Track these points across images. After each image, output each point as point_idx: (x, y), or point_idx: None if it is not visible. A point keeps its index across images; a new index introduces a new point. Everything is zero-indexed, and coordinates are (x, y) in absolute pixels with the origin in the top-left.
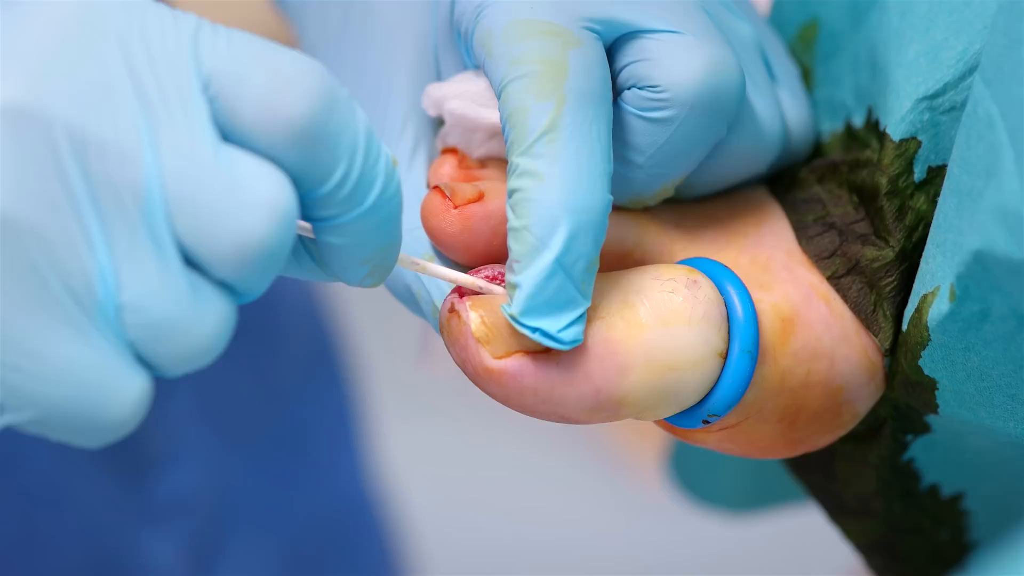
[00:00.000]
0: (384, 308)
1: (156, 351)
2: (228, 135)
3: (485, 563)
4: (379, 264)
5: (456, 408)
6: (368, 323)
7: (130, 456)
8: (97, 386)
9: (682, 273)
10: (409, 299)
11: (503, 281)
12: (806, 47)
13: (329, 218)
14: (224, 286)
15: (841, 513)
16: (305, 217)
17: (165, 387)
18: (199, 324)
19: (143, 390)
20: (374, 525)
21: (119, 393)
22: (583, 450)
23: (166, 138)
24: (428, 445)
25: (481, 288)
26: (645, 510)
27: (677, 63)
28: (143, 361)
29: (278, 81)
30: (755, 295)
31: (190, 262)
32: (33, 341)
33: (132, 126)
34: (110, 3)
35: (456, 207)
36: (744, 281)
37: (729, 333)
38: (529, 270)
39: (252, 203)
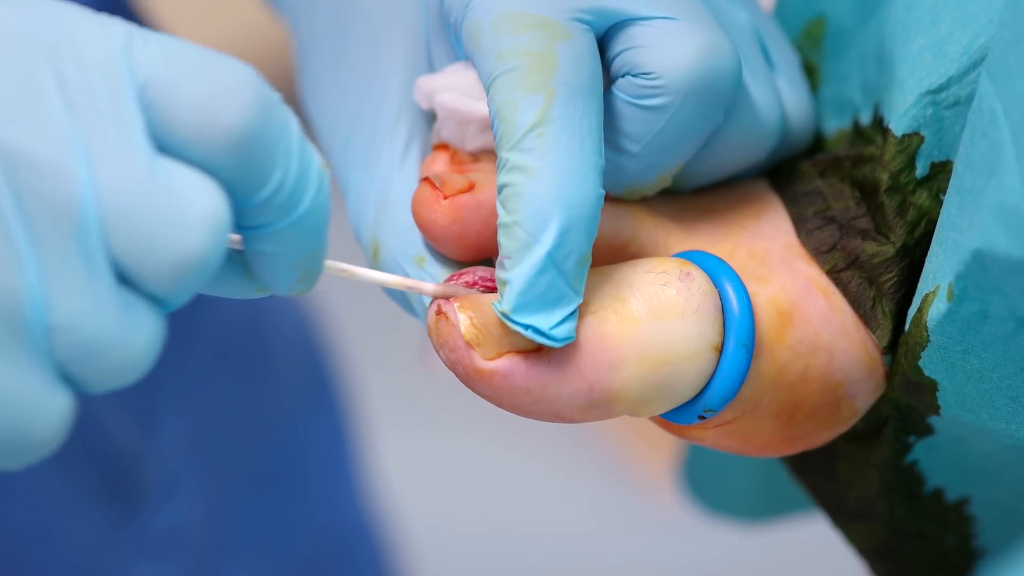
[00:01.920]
0: (378, 324)
1: (84, 370)
2: (163, 145)
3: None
4: (308, 270)
5: (457, 422)
6: (363, 340)
7: (121, 489)
8: (19, 408)
9: (675, 266)
10: (402, 299)
11: (485, 286)
12: (813, 43)
13: (262, 226)
14: (153, 299)
15: (844, 517)
16: (236, 225)
17: (156, 418)
18: (130, 341)
19: (65, 410)
20: (374, 553)
21: (42, 414)
22: (591, 460)
23: (100, 153)
24: (429, 463)
25: (410, 288)
26: (655, 521)
27: (670, 49)
28: (69, 379)
29: (214, 89)
30: (751, 288)
31: (123, 278)
32: None
33: (64, 141)
34: (36, 13)
35: (446, 197)
36: (741, 274)
37: (725, 326)
38: (520, 266)
39: (189, 218)
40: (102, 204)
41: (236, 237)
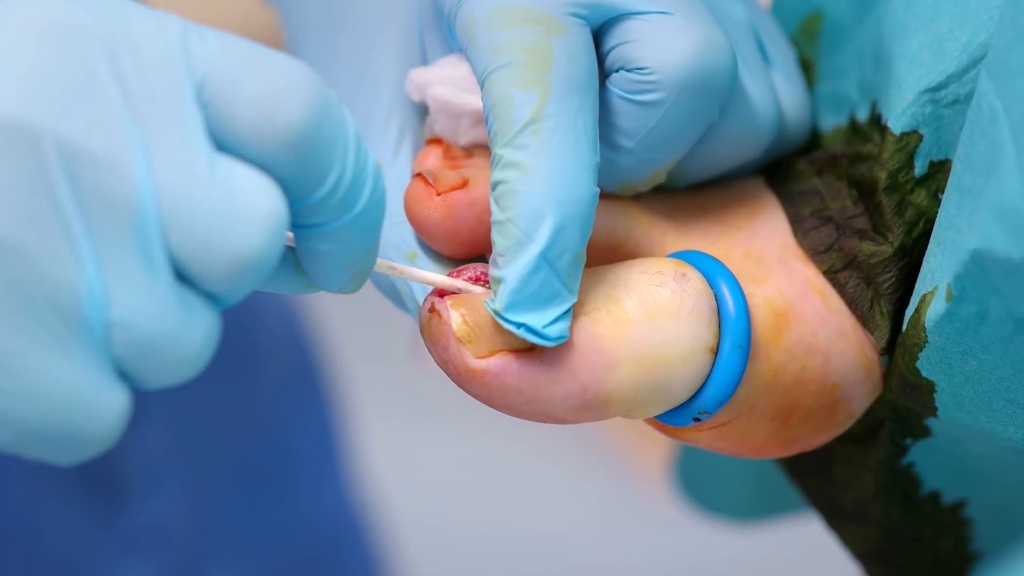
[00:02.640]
0: (367, 318)
1: (141, 366)
2: (220, 143)
3: None
4: (361, 269)
5: (448, 418)
6: (351, 335)
7: (103, 485)
8: (78, 405)
9: (670, 266)
10: (394, 296)
11: (487, 282)
12: (809, 39)
13: (318, 225)
14: (209, 296)
15: (838, 519)
16: (293, 225)
17: (139, 413)
18: (187, 338)
19: (123, 406)
20: (363, 551)
21: (99, 411)
22: (585, 455)
23: (159, 150)
24: (419, 459)
25: (460, 289)
26: (652, 517)
27: (665, 44)
28: (125, 375)
29: (272, 87)
30: (747, 289)
31: (180, 275)
32: (14, 360)
33: (123, 138)
34: (93, 8)
35: (439, 194)
36: (736, 275)
37: (720, 328)
38: (514, 264)
39: (248, 217)
40: (161, 201)
41: (289, 235)
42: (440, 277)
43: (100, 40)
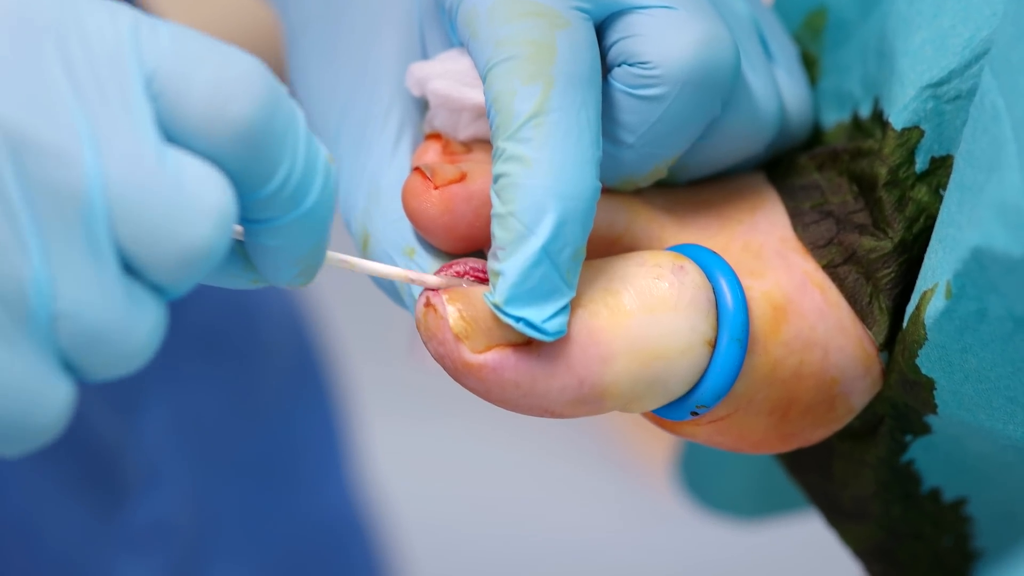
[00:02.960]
0: (370, 314)
1: (87, 358)
2: (170, 135)
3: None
4: (310, 264)
5: (449, 413)
6: (354, 330)
7: (104, 481)
8: (22, 396)
9: (668, 259)
10: (391, 291)
11: (476, 276)
12: (813, 35)
13: (267, 220)
14: (156, 288)
15: (838, 516)
16: (241, 220)
17: (140, 409)
18: (134, 330)
19: (67, 398)
20: (366, 546)
21: (44, 403)
22: (588, 450)
23: (108, 140)
24: (421, 455)
25: (412, 281)
26: (652, 514)
27: (668, 38)
28: (70, 367)
29: (223, 80)
30: (746, 282)
31: (127, 266)
32: None
33: (72, 127)
34: None
35: (437, 188)
36: (735, 268)
37: (718, 321)
38: (514, 258)
39: (197, 209)
40: (109, 192)
41: (238, 228)
42: (394, 269)
43: (48, 30)
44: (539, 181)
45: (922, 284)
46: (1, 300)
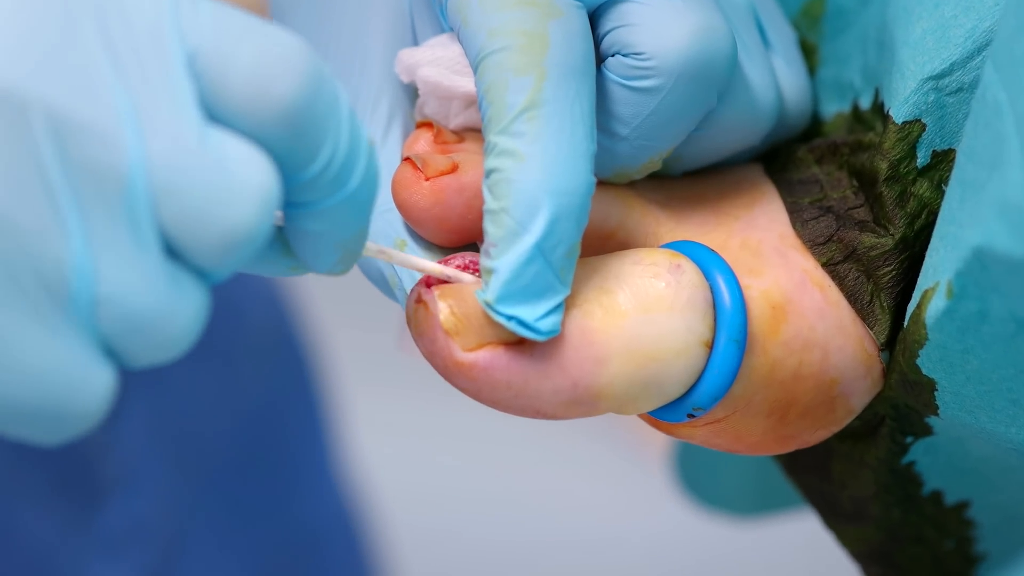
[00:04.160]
0: (355, 309)
1: (129, 344)
2: (212, 115)
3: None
4: (350, 250)
5: (439, 409)
6: (339, 326)
7: (80, 482)
8: (63, 382)
9: (664, 257)
10: (382, 284)
11: (476, 271)
12: (812, 23)
13: (309, 203)
14: (199, 272)
15: (836, 518)
16: (284, 203)
17: (118, 409)
18: (176, 316)
19: (109, 384)
20: (352, 547)
21: (85, 389)
22: (584, 444)
23: (150, 120)
24: (412, 452)
25: (450, 277)
26: (653, 505)
27: (663, 28)
28: (112, 352)
29: (266, 59)
30: (744, 281)
31: (169, 250)
32: None
33: (114, 107)
34: None
35: (428, 179)
36: (733, 266)
37: (715, 321)
38: (507, 255)
39: (240, 191)
40: (151, 173)
41: (278, 214)
42: (432, 264)
43: (91, 6)
44: (532, 176)
45: (923, 283)
46: (42, 284)
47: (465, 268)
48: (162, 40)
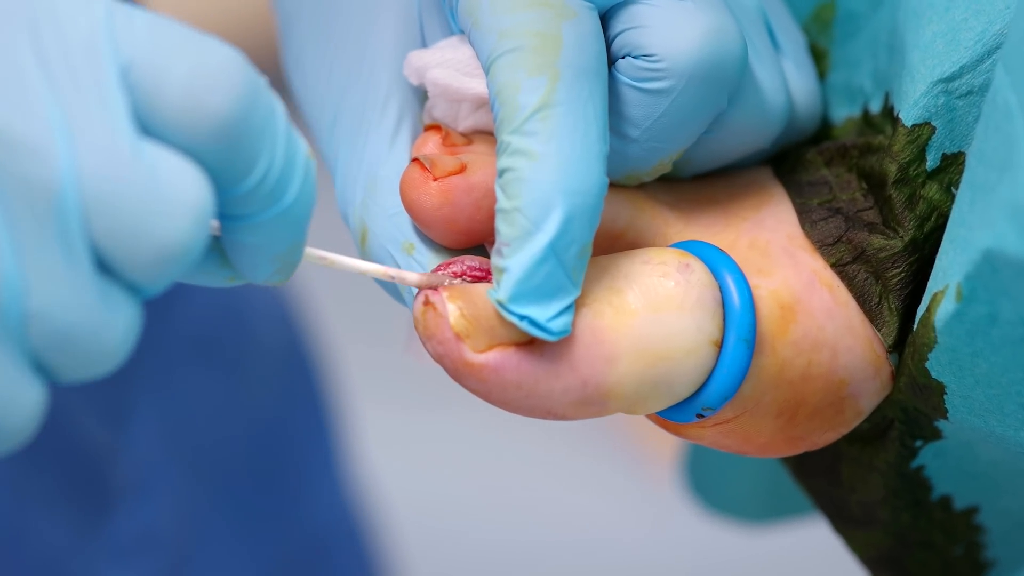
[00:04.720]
0: (363, 311)
1: (60, 359)
2: (146, 128)
3: None
4: (288, 261)
5: (446, 414)
6: (346, 331)
7: (90, 489)
8: None
9: (674, 257)
10: (390, 287)
11: (474, 277)
12: (822, 28)
13: (245, 216)
14: (130, 287)
15: (846, 522)
16: (219, 215)
17: (127, 413)
18: (107, 331)
19: (39, 400)
20: (361, 553)
21: (15, 405)
22: (591, 449)
23: (82, 133)
24: (419, 456)
25: (393, 277)
26: (659, 511)
27: (674, 30)
28: (42, 368)
29: (201, 71)
30: (753, 281)
31: (101, 264)
32: None
33: (45, 120)
34: None
35: (436, 179)
36: (742, 266)
37: (725, 321)
38: (519, 254)
39: (174, 205)
40: (83, 187)
41: (215, 223)
42: (374, 265)
43: (22, 16)
44: (546, 176)
45: (933, 285)
46: None
47: (463, 274)
48: (96, 52)
